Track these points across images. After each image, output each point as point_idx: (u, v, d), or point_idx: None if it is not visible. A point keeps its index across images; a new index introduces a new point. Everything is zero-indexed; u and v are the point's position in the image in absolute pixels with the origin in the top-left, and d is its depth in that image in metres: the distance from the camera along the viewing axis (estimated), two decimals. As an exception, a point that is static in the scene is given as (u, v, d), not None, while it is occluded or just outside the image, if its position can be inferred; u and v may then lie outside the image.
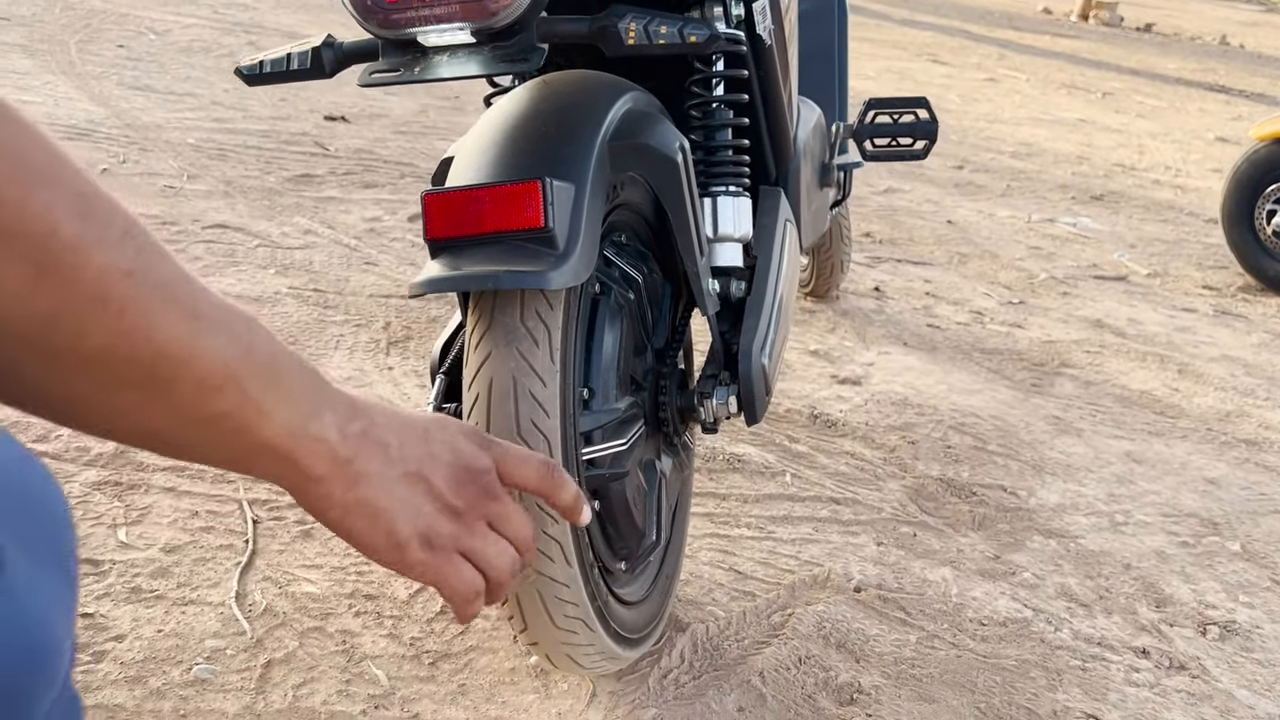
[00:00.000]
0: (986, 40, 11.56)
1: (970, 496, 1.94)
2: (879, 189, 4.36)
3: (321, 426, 0.66)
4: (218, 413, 0.61)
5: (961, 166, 5.06)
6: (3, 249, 0.51)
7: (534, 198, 1.04)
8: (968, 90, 7.75)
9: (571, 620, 1.14)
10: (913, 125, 1.96)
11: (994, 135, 6.07)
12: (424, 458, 0.72)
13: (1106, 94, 8.70)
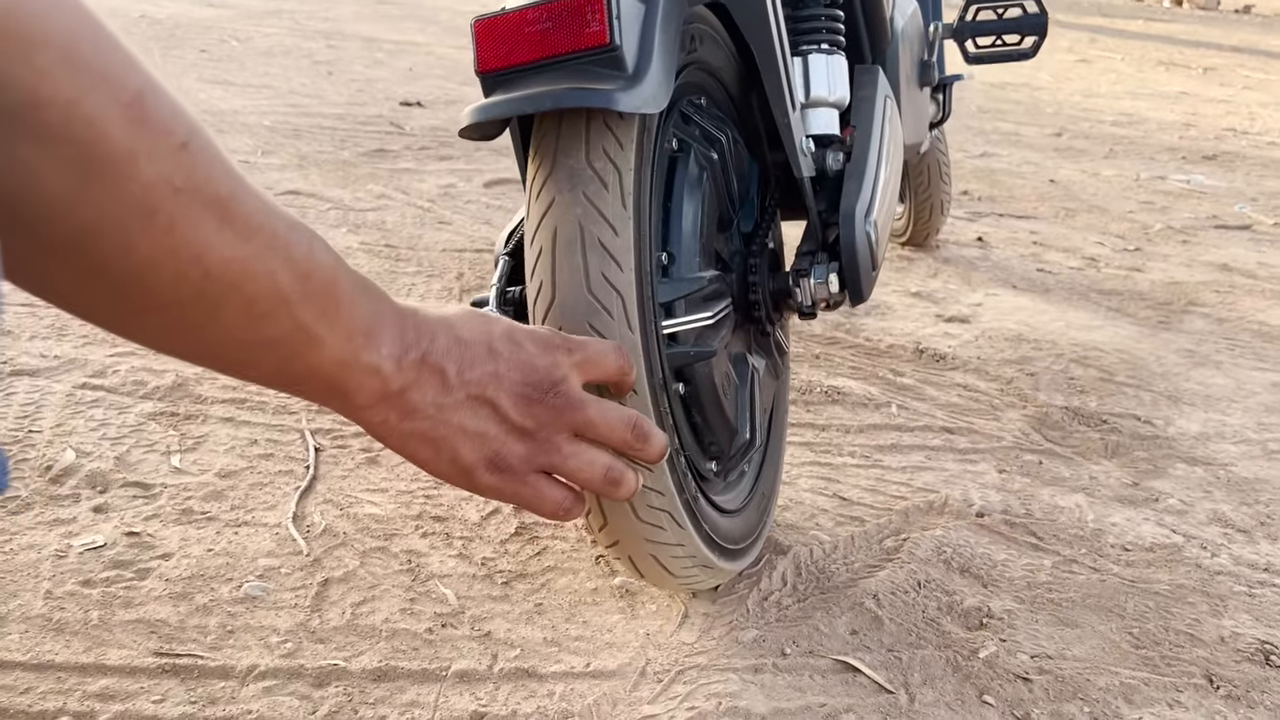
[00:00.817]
0: (1075, 27, 11.18)
1: (1101, 425, 1.74)
2: (974, 154, 4.15)
3: (376, 356, 0.63)
4: (267, 338, 0.58)
5: (1060, 134, 4.81)
6: (47, 152, 0.47)
7: (597, 11, 0.90)
8: (1060, 70, 7.45)
9: (656, 513, 0.99)
10: (1019, 20, 1.78)
11: (1091, 107, 5.79)
12: (487, 379, 0.68)
13: (1208, 69, 8.30)
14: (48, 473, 1.29)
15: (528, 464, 0.71)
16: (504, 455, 0.69)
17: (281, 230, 0.57)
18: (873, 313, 2.19)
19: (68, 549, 1.15)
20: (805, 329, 2.05)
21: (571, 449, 0.72)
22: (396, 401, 0.65)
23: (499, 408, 0.68)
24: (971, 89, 6.14)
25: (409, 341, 0.65)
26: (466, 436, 0.68)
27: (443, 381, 0.66)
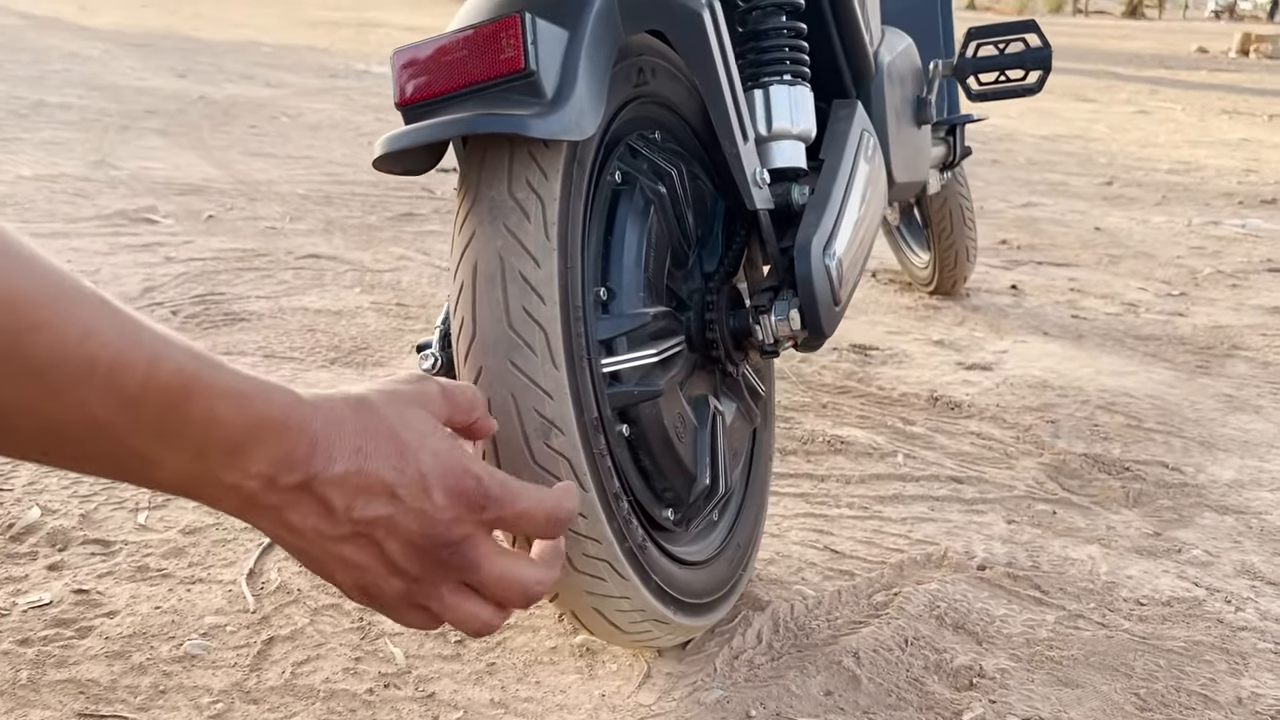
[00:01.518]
0: (1136, 79, 11.04)
1: (1123, 473, 1.64)
2: (1016, 203, 4.06)
3: (239, 476, 0.58)
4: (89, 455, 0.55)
5: (1110, 183, 4.69)
6: None
7: (513, 37, 0.87)
8: (1117, 121, 7.33)
9: (594, 563, 0.94)
10: (1021, 55, 1.72)
11: (1147, 156, 5.66)
12: (379, 523, 0.63)
13: (1273, 116, 8.10)
14: (9, 530, 1.27)
15: (403, 600, 0.67)
16: (380, 589, 0.66)
17: (105, 357, 0.51)
18: (889, 361, 2.11)
19: (12, 607, 1.13)
20: (815, 378, 1.98)
21: (452, 600, 0.67)
22: (268, 514, 0.61)
23: (385, 550, 0.64)
24: (1021, 141, 6.05)
25: (295, 460, 0.59)
26: (344, 565, 0.64)
27: (327, 512, 0.61)
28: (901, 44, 1.61)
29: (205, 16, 12.95)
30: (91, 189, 3.22)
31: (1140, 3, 35.02)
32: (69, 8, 12.99)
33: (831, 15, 1.34)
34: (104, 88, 5.78)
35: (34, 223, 2.77)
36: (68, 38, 9.02)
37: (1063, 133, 6.48)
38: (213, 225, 2.91)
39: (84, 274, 2.29)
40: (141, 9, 13.66)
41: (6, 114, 4.56)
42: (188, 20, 12.09)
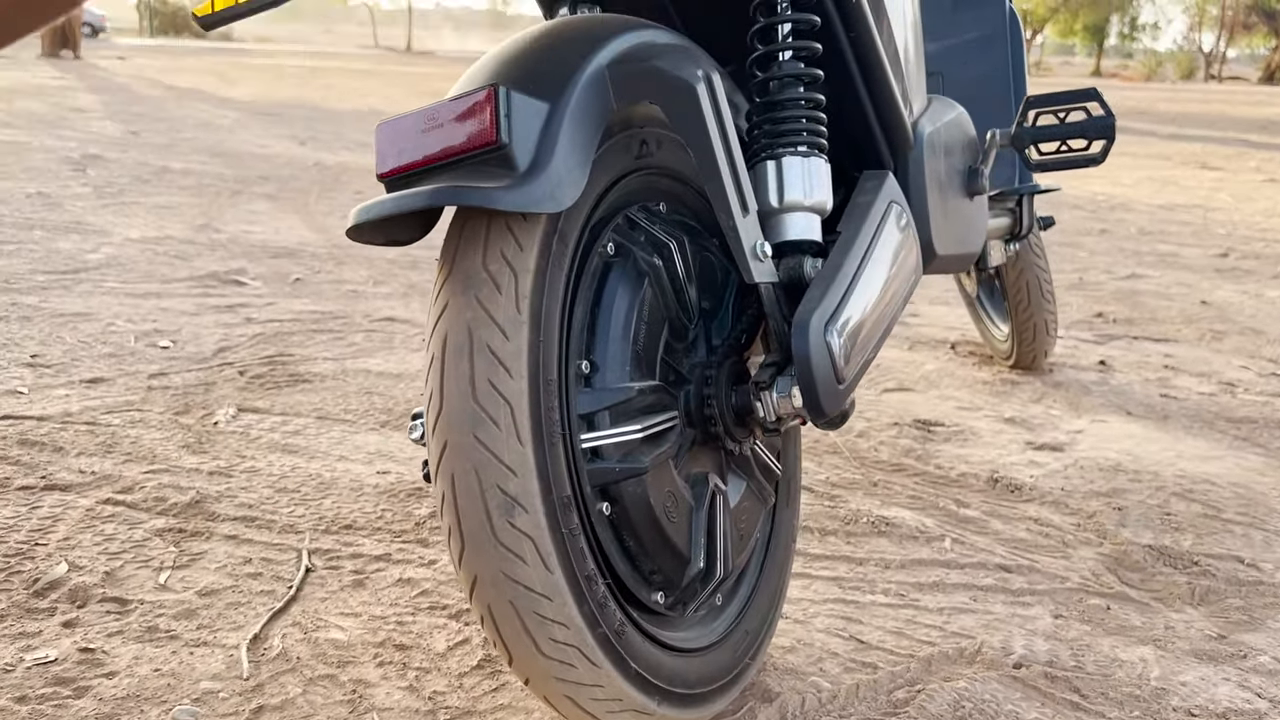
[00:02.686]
0: (1268, 146, 10.59)
1: (1190, 567, 1.52)
2: (1119, 275, 3.90)
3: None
4: None
5: (1226, 254, 4.48)
6: None
7: (487, 111, 0.87)
8: (1242, 190, 7.02)
9: (562, 648, 0.90)
10: (1083, 124, 1.65)
11: (1270, 228, 5.39)
12: None
13: None
14: (33, 585, 1.30)
15: None
16: None
17: None
18: (953, 438, 2.03)
19: (18, 663, 1.14)
20: (870, 453, 1.91)
21: None
22: None
23: None
24: (1135, 210, 5.84)
25: None
26: None
27: None
28: (949, 114, 1.56)
29: (336, 87, 13.57)
30: (191, 251, 3.36)
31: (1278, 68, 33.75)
32: (211, 79, 13.78)
33: (864, 87, 1.30)
34: (226, 154, 6.08)
35: (131, 283, 2.89)
36: (205, 107, 9.55)
37: (1181, 201, 6.24)
38: (298, 288, 2.99)
39: (166, 334, 2.38)
40: (277, 80, 14.40)
41: (131, 180, 4.82)
42: (318, 90, 12.69)
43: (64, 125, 7.04)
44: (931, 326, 3.00)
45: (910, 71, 1.43)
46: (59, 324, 2.46)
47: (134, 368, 2.18)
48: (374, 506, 1.59)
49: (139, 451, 1.73)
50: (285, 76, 15.71)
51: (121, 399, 1.99)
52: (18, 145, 5.74)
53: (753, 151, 1.15)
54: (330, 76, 16.05)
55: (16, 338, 2.33)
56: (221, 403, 2.01)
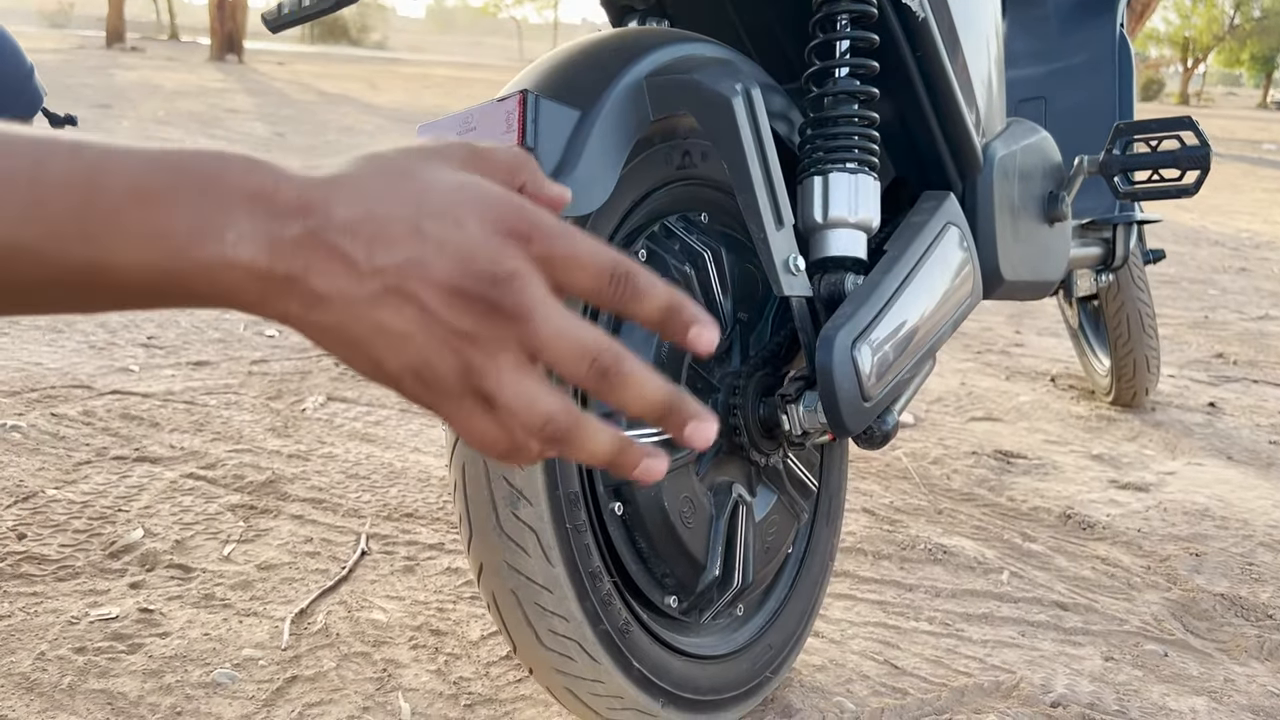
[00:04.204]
0: None
1: (1264, 620, 1.45)
2: (1250, 315, 3.72)
3: (222, 247, 0.48)
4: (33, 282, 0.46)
5: (1375, 299, 4.21)
6: None
7: (513, 114, 0.90)
8: (1406, 231, 6.59)
9: (562, 641, 0.92)
10: (1176, 154, 1.59)
11: None
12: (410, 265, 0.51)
13: None
14: (110, 547, 1.39)
15: (463, 381, 0.52)
16: (432, 368, 0.52)
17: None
18: (1033, 471, 1.97)
19: (83, 617, 1.23)
20: (941, 481, 1.88)
21: (511, 377, 0.52)
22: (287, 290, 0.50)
23: (425, 306, 0.51)
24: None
25: (283, 214, 0.49)
26: (387, 339, 0.51)
27: (348, 267, 0.50)
28: (1029, 137, 1.53)
29: (478, 97, 13.94)
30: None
31: None
32: (360, 86, 14.35)
33: (930, 107, 1.29)
34: (362, 158, 6.32)
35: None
36: (351, 112, 9.96)
37: (1334, 242, 5.90)
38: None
39: (274, 324, 2.50)
40: (423, 89, 14.90)
41: (269, 178, 5.06)
42: (461, 99, 13.05)
43: (217, 125, 7.44)
44: (1034, 357, 2.92)
45: (984, 92, 1.41)
46: (178, 309, 2.61)
47: (239, 353, 2.30)
48: (437, 497, 1.64)
49: (228, 431, 1.83)
50: (431, 85, 16.24)
51: (221, 382, 2.10)
52: (172, 142, 6.09)
53: (802, 167, 1.15)
54: (474, 86, 16.51)
55: (137, 320, 2.49)
56: (313, 391, 2.10)
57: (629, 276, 0.52)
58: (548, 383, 0.52)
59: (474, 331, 0.51)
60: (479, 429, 0.52)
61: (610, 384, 0.52)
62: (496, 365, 0.51)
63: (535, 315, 0.51)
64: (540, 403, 0.51)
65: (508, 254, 0.51)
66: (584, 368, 0.51)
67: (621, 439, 0.52)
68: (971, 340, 3.09)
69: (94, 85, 10.08)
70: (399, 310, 0.50)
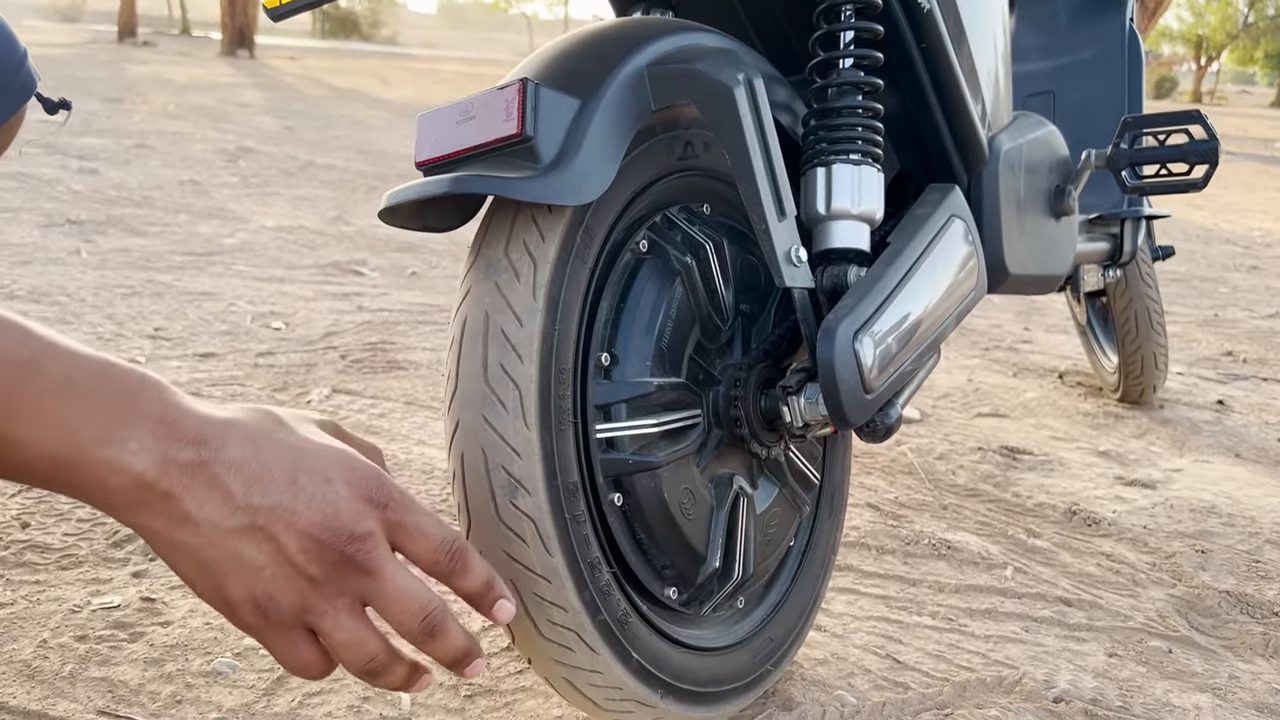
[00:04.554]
0: None
1: (1270, 617, 1.44)
2: (1261, 314, 3.70)
3: (120, 452, 0.54)
4: None
5: (1387, 298, 4.19)
6: None
7: (514, 104, 0.90)
8: None
9: (561, 631, 0.92)
10: (1184, 148, 1.58)
11: None
12: (279, 511, 0.58)
13: None
14: (113, 536, 1.39)
15: (296, 617, 0.61)
16: (274, 601, 0.59)
17: None
18: (1039, 467, 1.96)
19: (85, 605, 1.23)
20: (946, 477, 1.87)
21: (347, 621, 0.61)
22: (163, 507, 0.56)
23: (283, 547, 0.58)
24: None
25: (181, 440, 0.56)
26: (239, 568, 0.58)
27: (225, 499, 0.57)
28: (1036, 131, 1.52)
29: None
30: (320, 241, 3.52)
31: None
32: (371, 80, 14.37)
33: (936, 99, 1.29)
34: (372, 152, 6.33)
35: (258, 267, 3.05)
36: (361, 107, 9.97)
37: (1347, 241, 5.86)
38: (413, 281, 3.10)
39: (281, 316, 2.50)
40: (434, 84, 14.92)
41: (277, 172, 5.07)
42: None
43: (227, 119, 7.46)
44: (1042, 354, 2.91)
45: (990, 85, 1.41)
46: (186, 301, 2.62)
47: (245, 346, 2.31)
48: (440, 489, 1.64)
49: (232, 422, 1.83)
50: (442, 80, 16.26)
51: (227, 373, 2.10)
52: (181, 136, 6.12)
53: (805, 158, 1.15)
54: (484, 82, 16.52)
55: (145, 312, 2.49)
56: (319, 383, 2.10)
57: (461, 554, 0.65)
58: (375, 629, 0.63)
59: (320, 576, 0.59)
60: (303, 657, 0.62)
61: (433, 638, 0.64)
62: (334, 608, 0.60)
63: (383, 573, 0.60)
64: (368, 644, 0.62)
65: (366, 516, 0.60)
66: (416, 622, 0.63)
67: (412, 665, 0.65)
68: (980, 337, 3.09)
69: (105, 79, 10.12)
70: (258, 546, 0.58)
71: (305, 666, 0.63)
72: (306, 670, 0.63)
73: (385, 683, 0.64)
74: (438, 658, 0.65)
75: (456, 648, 0.66)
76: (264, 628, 0.61)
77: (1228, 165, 10.99)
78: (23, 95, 1.00)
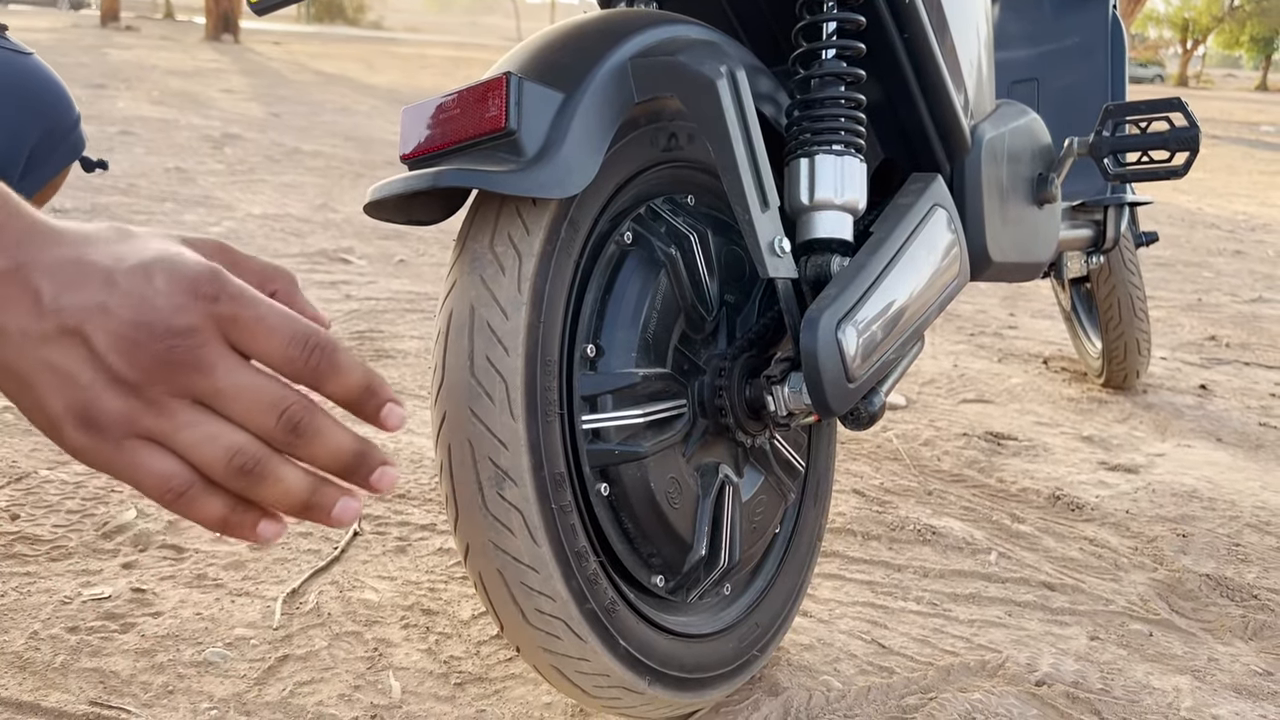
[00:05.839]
0: None
1: (1249, 600, 1.46)
2: (1244, 298, 3.72)
3: None
4: None
5: (1369, 281, 4.22)
6: None
7: (498, 98, 0.90)
8: (1403, 214, 6.58)
9: (548, 620, 0.93)
10: (1165, 135, 1.59)
11: None
12: (89, 309, 0.52)
13: None
14: (103, 528, 1.40)
15: (126, 426, 0.53)
16: (96, 410, 0.53)
17: None
18: (1023, 453, 1.98)
19: (75, 597, 1.24)
20: (932, 463, 1.89)
21: (189, 416, 0.52)
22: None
23: (95, 349, 0.52)
24: (1275, 233, 5.55)
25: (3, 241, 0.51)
26: (52, 377, 0.53)
27: (35, 304, 0.52)
28: (1018, 119, 1.53)
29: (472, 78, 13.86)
30: (306, 229, 3.51)
31: None
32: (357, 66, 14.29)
33: (919, 89, 1.29)
34: (358, 138, 6.31)
35: (245, 256, 3.05)
36: (347, 93, 9.92)
37: (1330, 224, 5.90)
38: (400, 268, 3.10)
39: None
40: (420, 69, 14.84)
41: (264, 159, 5.05)
42: (457, 80, 13.01)
43: (212, 105, 7.42)
44: (1027, 340, 2.93)
45: (973, 74, 1.41)
46: (172, 291, 2.61)
47: (232, 335, 2.31)
48: (429, 479, 1.65)
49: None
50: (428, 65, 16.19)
51: (215, 363, 2.11)
52: (167, 123, 6.08)
53: (789, 149, 1.16)
54: (471, 67, 16.45)
55: (132, 301, 2.49)
56: (306, 373, 2.10)
57: (324, 349, 0.52)
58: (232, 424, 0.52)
59: (140, 380, 0.52)
60: (155, 469, 0.52)
61: (301, 438, 0.52)
62: (169, 409, 0.52)
63: (215, 370, 0.51)
64: (224, 437, 0.52)
65: (188, 310, 0.52)
66: (272, 420, 0.52)
67: (314, 478, 0.53)
68: (965, 322, 3.10)
69: (89, 64, 10.04)
70: (68, 350, 0.51)
71: (161, 481, 0.53)
72: (167, 483, 0.53)
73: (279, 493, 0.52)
74: (324, 465, 0.53)
75: (341, 448, 0.53)
76: (97, 446, 0.53)
77: (1212, 149, 11.03)
78: (70, 156, 1.05)
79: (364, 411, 0.54)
